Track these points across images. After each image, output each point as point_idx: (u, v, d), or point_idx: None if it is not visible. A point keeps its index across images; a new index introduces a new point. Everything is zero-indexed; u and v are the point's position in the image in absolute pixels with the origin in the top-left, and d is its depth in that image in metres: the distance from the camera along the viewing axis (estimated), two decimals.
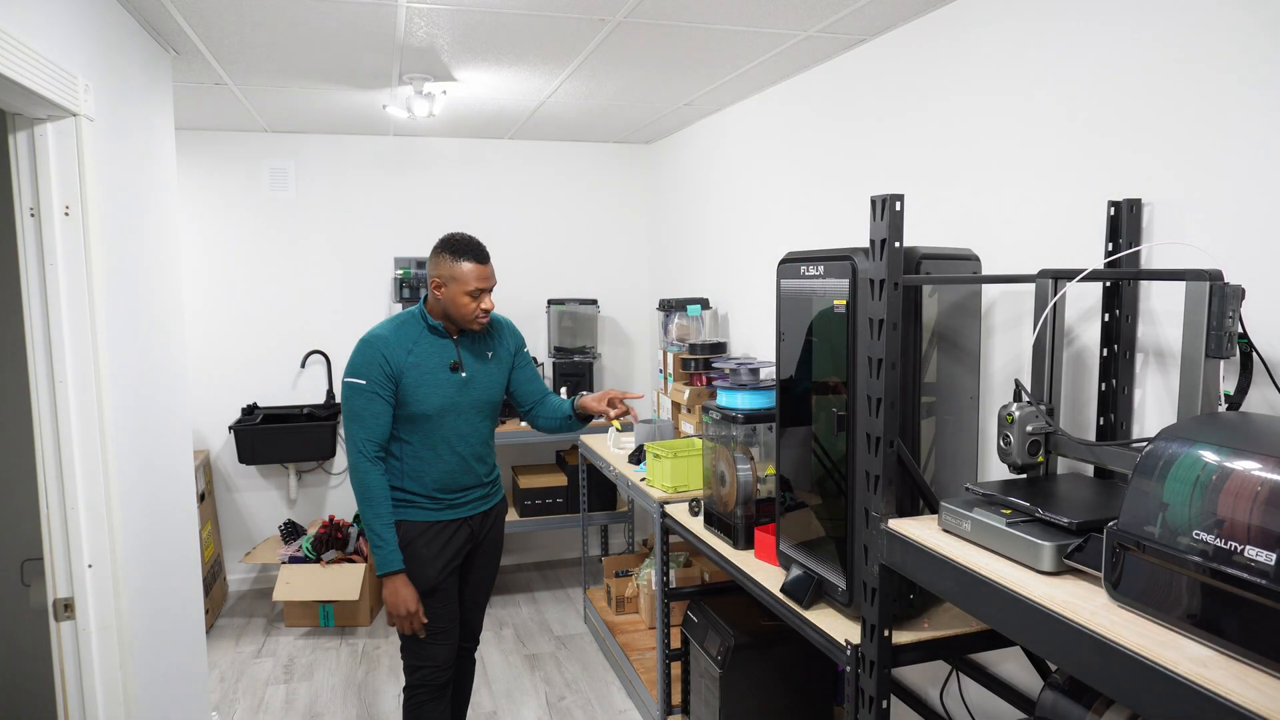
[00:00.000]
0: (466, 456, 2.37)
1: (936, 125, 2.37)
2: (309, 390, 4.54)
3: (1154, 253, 1.73)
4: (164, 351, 2.57)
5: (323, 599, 3.97)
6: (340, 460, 4.55)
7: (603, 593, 4.08)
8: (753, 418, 2.43)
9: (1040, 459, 1.63)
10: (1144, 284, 1.75)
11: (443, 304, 2.30)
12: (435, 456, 2.32)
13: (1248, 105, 1.53)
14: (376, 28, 2.56)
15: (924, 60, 2.42)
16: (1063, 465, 1.79)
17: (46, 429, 1.88)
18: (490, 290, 2.32)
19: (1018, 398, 1.66)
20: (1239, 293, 1.37)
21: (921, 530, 1.57)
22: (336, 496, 4.63)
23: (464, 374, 2.34)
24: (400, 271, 4.46)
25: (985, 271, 2.06)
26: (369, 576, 4.06)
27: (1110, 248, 1.76)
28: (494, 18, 2.48)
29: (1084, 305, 1.88)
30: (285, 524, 4.30)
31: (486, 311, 2.32)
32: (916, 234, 2.18)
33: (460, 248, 2.27)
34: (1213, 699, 0.98)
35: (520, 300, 4.68)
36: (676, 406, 3.76)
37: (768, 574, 2.23)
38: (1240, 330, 1.41)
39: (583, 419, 2.54)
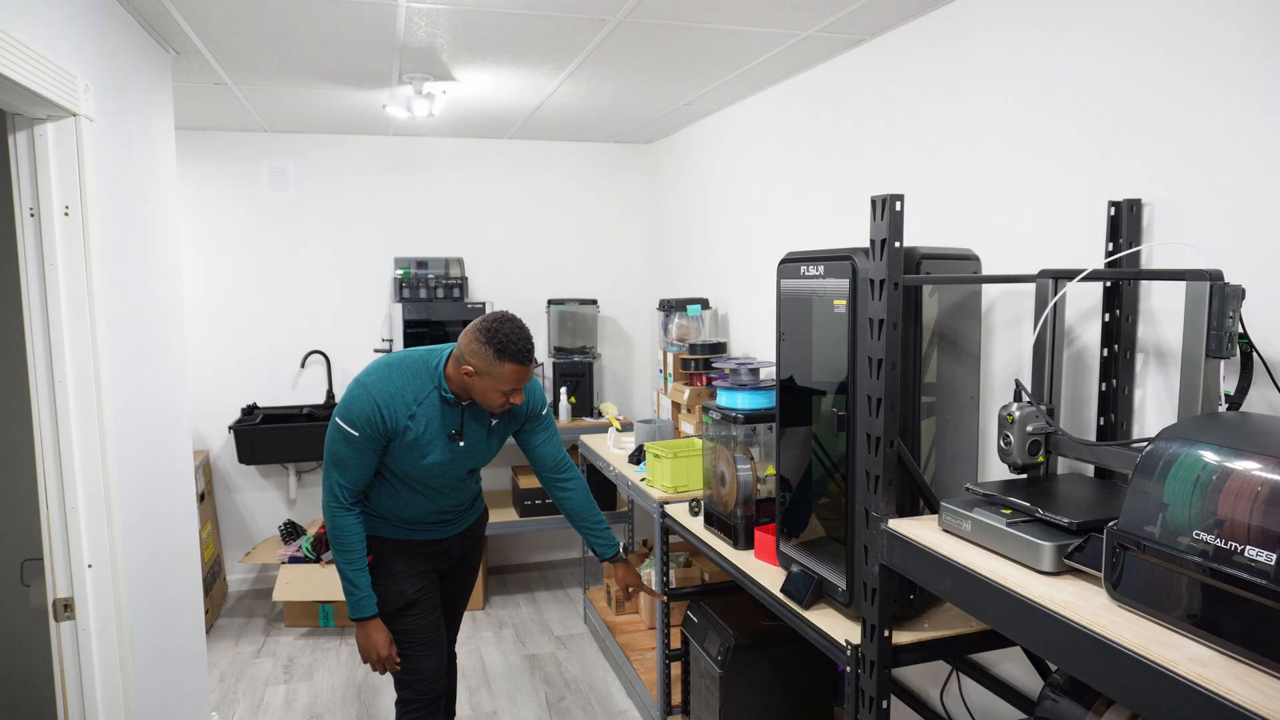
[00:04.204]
0: (446, 507, 2.29)
1: (937, 125, 2.37)
2: (309, 390, 4.54)
3: (1154, 253, 1.73)
4: (164, 351, 2.57)
5: (323, 599, 3.97)
6: None
7: (602, 593, 4.08)
8: (753, 418, 2.43)
9: (1040, 459, 1.63)
10: (1144, 284, 1.75)
11: (468, 389, 2.10)
12: (414, 500, 2.23)
13: (1248, 105, 1.53)
14: (376, 28, 2.56)
15: (924, 60, 2.42)
16: (1063, 465, 1.79)
17: (46, 429, 1.88)
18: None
19: (1018, 398, 1.66)
20: (1239, 293, 1.37)
21: (921, 530, 1.57)
22: None
23: (463, 443, 2.18)
24: (400, 271, 4.45)
25: (985, 271, 2.05)
26: None
27: (1110, 248, 1.76)
28: (494, 17, 2.48)
29: (1084, 305, 1.88)
30: (285, 524, 4.30)
31: (514, 403, 2.13)
32: (916, 234, 2.18)
33: (506, 348, 2.01)
34: (1213, 699, 0.98)
35: (520, 300, 4.69)
36: (676, 406, 3.76)
37: (768, 574, 2.23)
38: (1240, 330, 1.41)
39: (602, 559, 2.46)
